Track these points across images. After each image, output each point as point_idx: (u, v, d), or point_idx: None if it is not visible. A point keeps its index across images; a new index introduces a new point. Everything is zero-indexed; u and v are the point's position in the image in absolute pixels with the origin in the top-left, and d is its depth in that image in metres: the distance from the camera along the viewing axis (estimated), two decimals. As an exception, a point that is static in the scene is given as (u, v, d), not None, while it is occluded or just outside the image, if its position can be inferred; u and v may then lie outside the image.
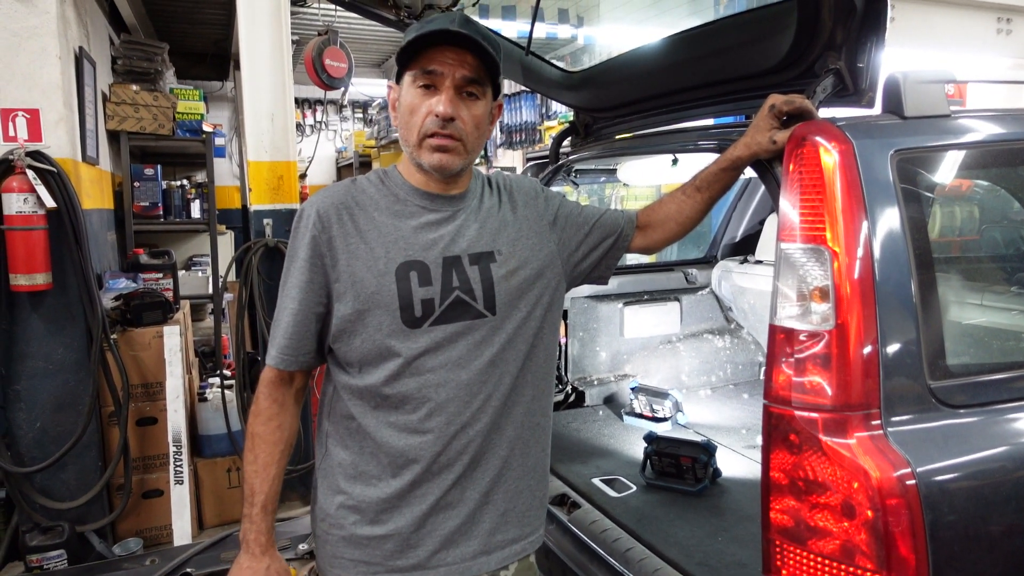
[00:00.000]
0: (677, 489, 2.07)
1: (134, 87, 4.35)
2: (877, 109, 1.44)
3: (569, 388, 2.87)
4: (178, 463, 3.46)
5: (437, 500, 1.29)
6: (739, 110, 2.00)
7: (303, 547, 3.32)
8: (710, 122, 2.09)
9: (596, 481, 2.13)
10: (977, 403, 1.24)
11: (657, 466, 2.13)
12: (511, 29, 4.37)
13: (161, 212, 4.63)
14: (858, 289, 1.20)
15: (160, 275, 3.92)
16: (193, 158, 5.39)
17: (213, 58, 6.71)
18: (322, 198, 1.31)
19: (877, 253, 1.22)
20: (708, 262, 3.20)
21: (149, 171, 4.57)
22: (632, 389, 2.69)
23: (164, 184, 4.76)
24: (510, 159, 6.25)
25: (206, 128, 4.77)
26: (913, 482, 1.13)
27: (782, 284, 1.25)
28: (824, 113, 1.44)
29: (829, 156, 1.26)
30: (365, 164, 7.18)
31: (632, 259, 6.33)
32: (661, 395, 2.58)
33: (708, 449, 2.09)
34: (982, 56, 5.82)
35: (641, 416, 2.59)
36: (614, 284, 2.96)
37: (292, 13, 4.78)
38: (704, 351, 3.03)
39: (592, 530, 1.84)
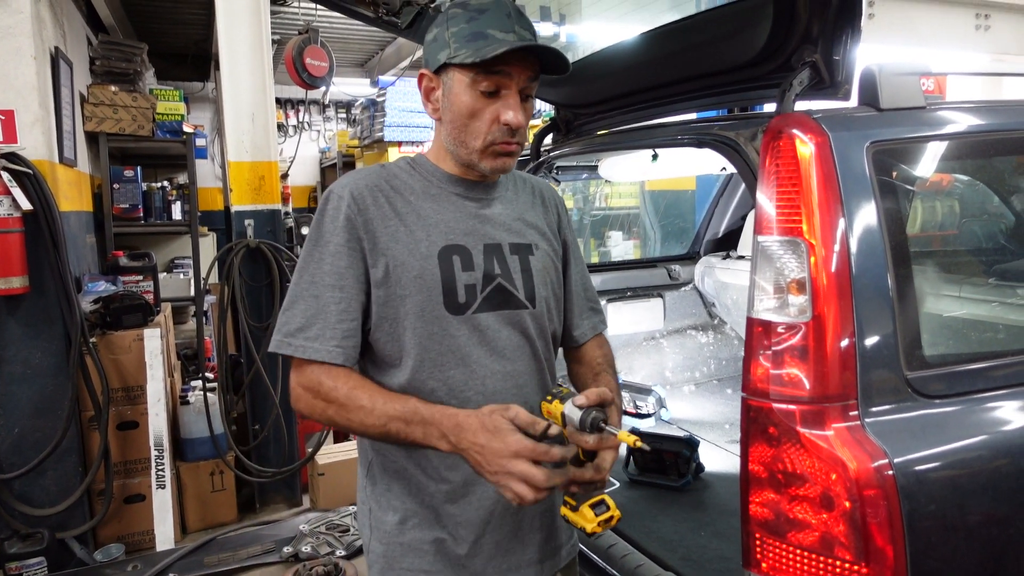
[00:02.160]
0: (660, 484, 2.07)
1: (113, 88, 4.30)
2: (853, 102, 1.44)
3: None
4: (160, 467, 3.43)
5: (493, 502, 1.26)
6: (719, 104, 2.01)
7: (288, 550, 3.30)
8: (692, 116, 2.09)
9: (580, 478, 2.12)
10: (954, 393, 1.25)
11: (640, 462, 2.12)
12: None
13: (141, 214, 4.59)
14: (835, 281, 1.20)
15: (140, 277, 3.88)
16: (174, 159, 5.34)
17: (194, 59, 6.66)
18: (354, 180, 1.27)
19: (853, 245, 1.22)
20: (691, 258, 3.20)
21: (129, 173, 4.52)
22: (616, 386, 2.69)
23: (144, 186, 4.72)
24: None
25: (187, 129, 4.73)
26: (890, 473, 1.13)
27: (759, 277, 1.25)
28: (801, 106, 1.44)
29: (805, 148, 1.26)
30: (348, 164, 7.14)
31: (615, 255, 6.36)
32: (644, 391, 2.58)
33: (691, 444, 2.09)
34: (962, 52, 5.88)
35: (624, 413, 2.59)
36: (597, 281, 2.96)
37: (272, 12, 4.75)
38: (688, 347, 3.03)
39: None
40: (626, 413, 2.60)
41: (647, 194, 6.24)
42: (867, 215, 1.25)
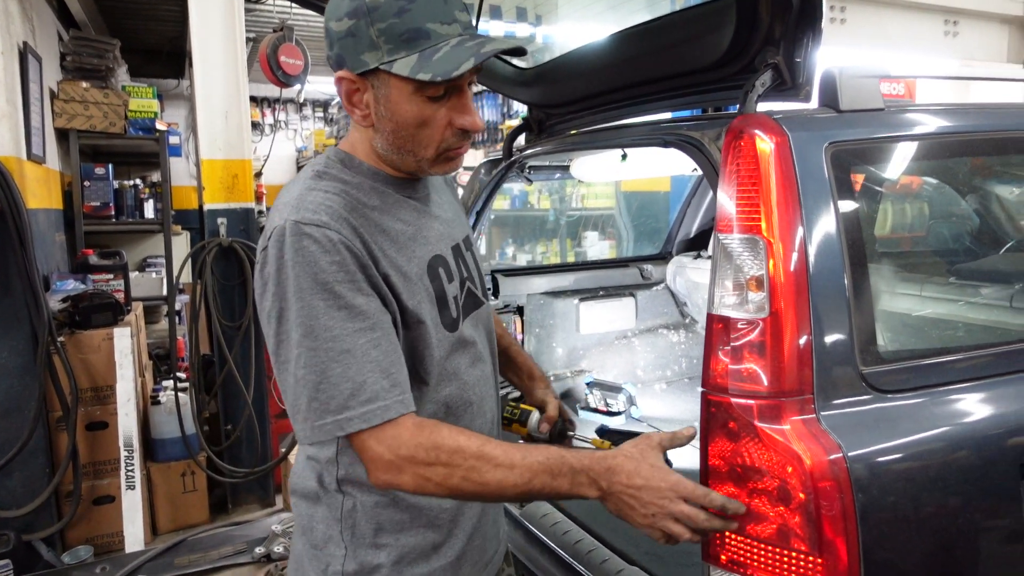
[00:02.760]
0: (629, 481, 2.08)
1: (84, 84, 4.25)
2: (815, 103, 1.47)
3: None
4: (130, 468, 3.39)
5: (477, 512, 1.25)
6: (689, 105, 2.03)
7: (260, 550, 3.27)
8: (668, 116, 2.09)
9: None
10: (908, 388, 1.28)
11: (609, 459, 2.14)
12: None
13: (113, 212, 4.54)
14: (792, 278, 1.22)
15: (111, 276, 3.84)
16: (147, 157, 5.28)
17: (168, 55, 6.59)
18: (321, 201, 1.05)
19: (811, 243, 1.25)
20: (663, 258, 3.24)
21: (100, 170, 4.47)
22: (587, 384, 2.71)
23: (116, 184, 4.66)
24: (472, 158, 6.26)
25: (160, 126, 4.68)
26: (844, 465, 1.15)
27: (719, 274, 1.27)
28: (767, 107, 1.47)
29: (765, 148, 1.28)
30: (326, 163, 7.08)
31: (592, 255, 6.39)
32: (615, 389, 2.60)
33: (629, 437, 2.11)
34: (931, 56, 6.00)
35: (596, 411, 2.61)
36: (570, 280, 2.98)
37: (247, 10, 4.72)
38: (659, 346, 3.06)
39: (543, 523, 1.84)
40: (597, 411, 2.62)
41: (622, 195, 6.29)
42: (824, 214, 1.28)
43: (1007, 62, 6.39)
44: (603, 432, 2.26)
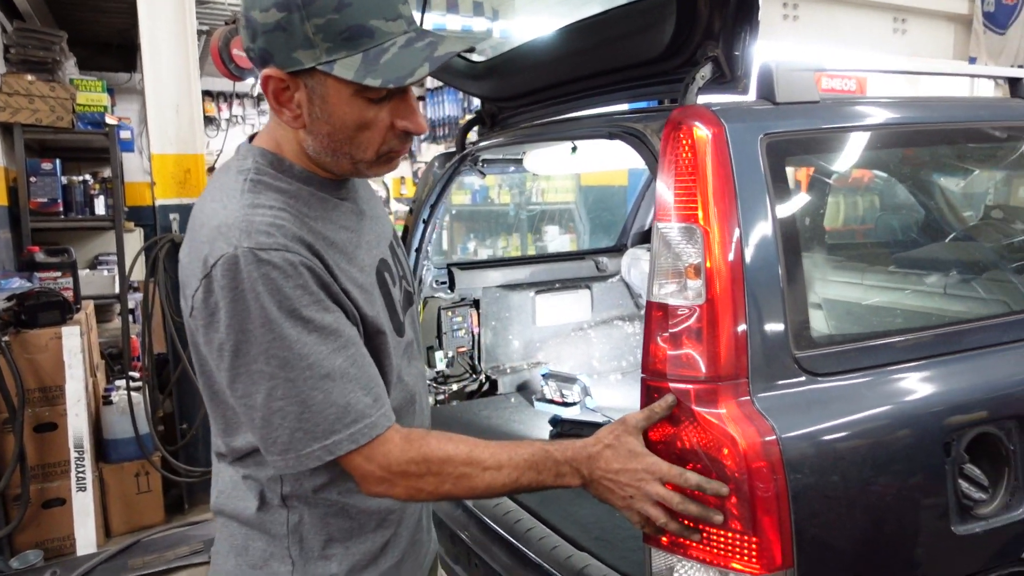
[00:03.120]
0: (581, 469, 2.11)
1: (29, 77, 4.14)
2: (753, 96, 1.50)
3: (483, 377, 2.89)
4: (80, 469, 3.32)
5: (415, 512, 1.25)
6: (635, 97, 2.05)
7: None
8: (624, 107, 2.09)
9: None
10: (840, 371, 1.32)
11: (562, 448, 2.16)
12: (426, 21, 4.33)
13: (61, 208, 4.42)
14: (728, 266, 1.25)
15: (59, 274, 3.75)
16: (98, 152, 5.15)
17: (119, 48, 6.43)
18: (272, 221, 0.98)
19: (746, 231, 1.28)
20: (618, 250, 3.27)
21: (47, 165, 4.35)
22: (543, 376, 2.74)
23: (65, 179, 4.55)
24: (434, 153, 6.25)
25: (110, 120, 4.57)
26: (777, 447, 1.19)
27: (658, 262, 1.30)
28: (704, 99, 1.50)
29: (702, 139, 1.31)
30: (284, 159, 6.99)
31: (552, 249, 6.43)
32: (570, 380, 2.63)
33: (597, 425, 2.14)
34: (881, 53, 6.16)
35: (551, 401, 2.63)
36: (526, 273, 3.00)
37: (199, 2, 4.63)
38: (615, 337, 3.10)
39: (495, 512, 1.86)
40: (552, 402, 2.64)
41: (582, 189, 6.35)
42: (760, 203, 1.31)
43: (953, 58, 6.59)
44: (556, 422, 2.29)
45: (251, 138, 1.15)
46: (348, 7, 0.95)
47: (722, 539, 1.21)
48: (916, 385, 1.38)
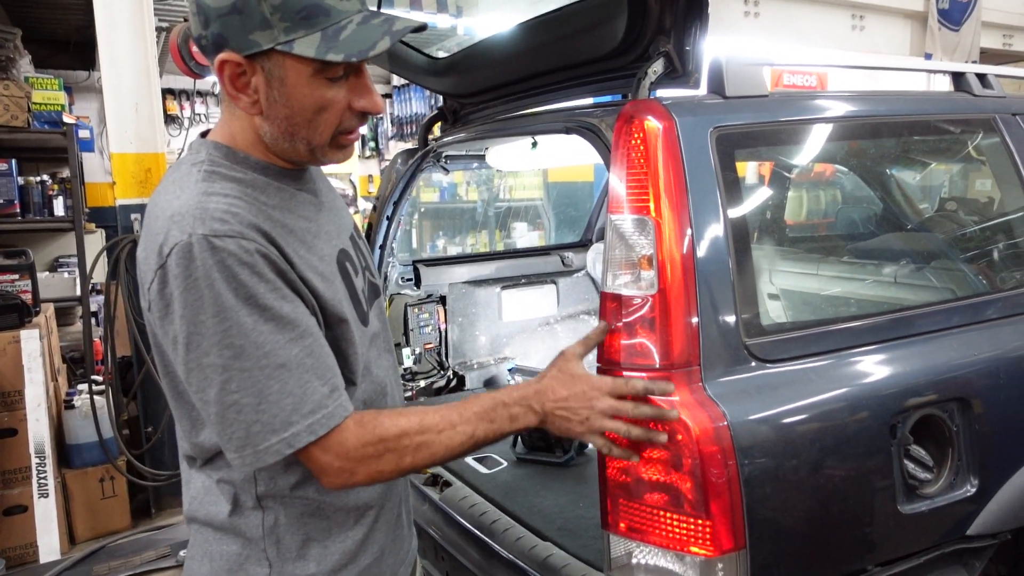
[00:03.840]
0: (545, 461, 2.14)
1: (-20, 75, 4.03)
2: (704, 90, 1.54)
3: (450, 373, 2.91)
4: (42, 475, 3.26)
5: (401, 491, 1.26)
6: (592, 92, 2.07)
7: (184, 554, 3.20)
8: (590, 101, 2.10)
9: (468, 460, 2.17)
10: (788, 357, 1.36)
11: (527, 441, 2.19)
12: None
13: (18, 210, 4.31)
14: (679, 256, 1.28)
15: (16, 276, 3.67)
16: (56, 152, 5.03)
17: (76, 46, 6.30)
18: (227, 208, 0.97)
19: (697, 222, 1.31)
20: (583, 245, 3.31)
21: (2, 166, 4.23)
22: (509, 371, 2.76)
23: (22, 180, 4.43)
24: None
25: (68, 119, 4.47)
26: (728, 432, 1.22)
27: (612, 254, 1.32)
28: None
29: (653, 132, 1.34)
30: (250, 157, 6.91)
31: (521, 246, 6.46)
32: (536, 374, 2.65)
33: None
34: (840, 49, 6.29)
35: (518, 396, 2.65)
36: (492, 269, 3.02)
37: (158, -2, 4.56)
38: (581, 331, 3.13)
39: (461, 506, 1.88)
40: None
41: (549, 185, 6.38)
42: (710, 195, 1.35)
43: (909, 54, 6.75)
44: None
45: (203, 134, 1.14)
46: None
47: (678, 523, 1.24)
48: (863, 369, 1.42)
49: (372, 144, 8.03)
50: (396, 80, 7.56)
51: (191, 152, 1.10)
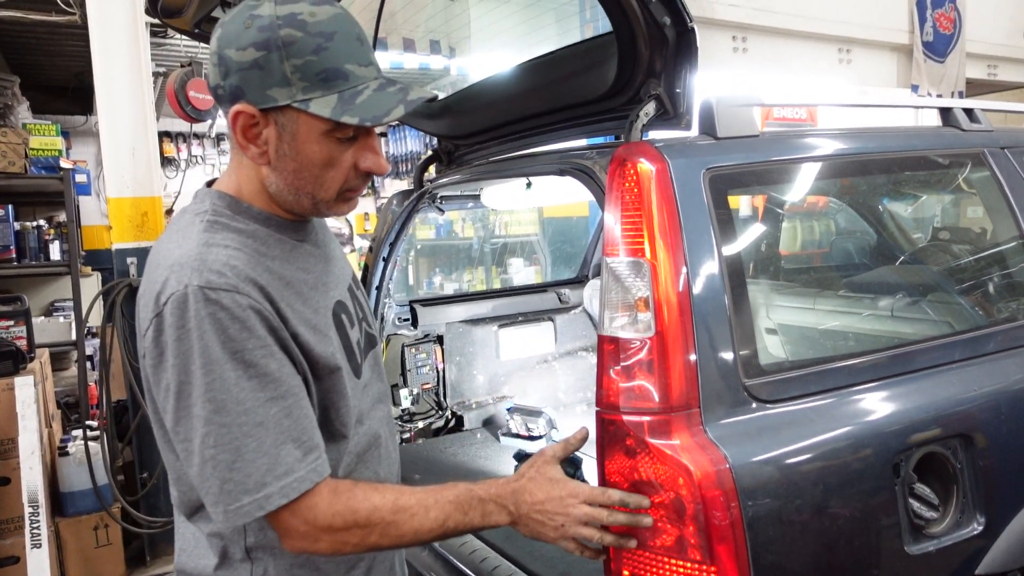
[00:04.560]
0: (546, 504, 2.10)
1: (-22, 123, 4.07)
2: (695, 131, 1.55)
3: (448, 413, 2.88)
4: (35, 525, 3.20)
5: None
6: (587, 134, 2.10)
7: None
8: (583, 142, 2.12)
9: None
10: (788, 397, 1.35)
11: (527, 483, 2.16)
12: (384, 60, 4.41)
13: (14, 255, 4.32)
14: (675, 298, 1.28)
15: (11, 323, 3.65)
16: (53, 196, 5.06)
17: (75, 91, 6.37)
18: (225, 261, 0.99)
19: (692, 263, 1.31)
20: (580, 282, 3.31)
21: (-1, 212, 4.26)
22: (508, 410, 2.73)
23: (18, 225, 4.44)
24: (396, 189, 6.27)
25: (65, 164, 4.50)
26: (730, 475, 1.21)
27: (608, 297, 1.32)
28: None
29: (646, 175, 1.35)
30: (246, 198, 6.94)
31: (517, 282, 6.46)
32: (535, 414, 2.63)
33: (574, 463, 2.14)
34: (827, 82, 6.38)
35: (517, 435, 2.63)
36: (489, 307, 3.01)
37: (155, 45, 4.63)
38: (579, 368, 3.12)
39: (461, 552, 1.85)
40: (519, 436, 2.64)
41: (545, 221, 6.41)
42: (704, 236, 1.35)
43: (896, 86, 6.85)
44: (521, 457, 2.28)
45: (209, 184, 1.16)
46: (326, 51, 0.99)
47: (682, 569, 1.22)
48: (864, 408, 1.41)
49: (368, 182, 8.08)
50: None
51: (196, 201, 1.13)
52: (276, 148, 1.04)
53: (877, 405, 1.42)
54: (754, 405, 1.29)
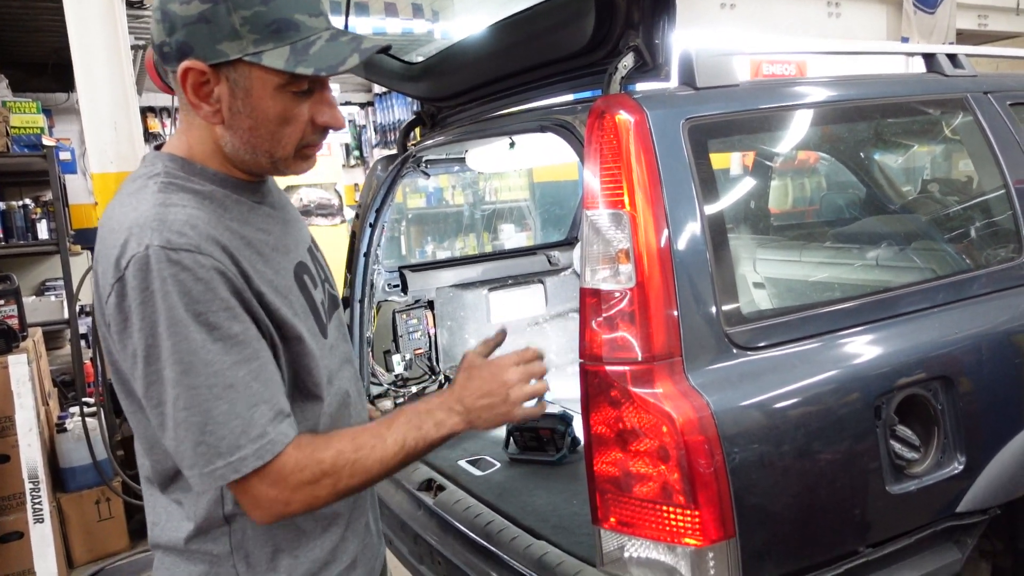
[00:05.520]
0: (538, 461, 2.14)
1: (-44, 101, 4.01)
2: (675, 82, 1.54)
3: (441, 377, 2.90)
4: (36, 501, 3.23)
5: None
6: (568, 90, 2.08)
7: None
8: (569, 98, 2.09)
9: (462, 463, 2.17)
10: (770, 343, 1.36)
11: (519, 441, 2.19)
12: (365, 25, 4.34)
13: (1, 235, 4.30)
14: (655, 248, 1.29)
15: (1, 302, 3.64)
16: (38, 175, 5.00)
17: (55, 68, 6.27)
18: (185, 220, 0.96)
19: (672, 214, 1.32)
20: (569, 244, 3.31)
21: (-17, 192, 4.22)
22: (500, 371, 2.75)
23: (3, 205, 4.41)
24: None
25: (47, 142, 4.45)
26: (712, 421, 1.23)
27: (589, 249, 1.33)
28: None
29: (624, 126, 1.34)
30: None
31: (507, 246, 6.45)
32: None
33: (565, 419, 2.17)
34: (817, 38, 6.32)
35: (510, 396, 2.65)
36: (479, 271, 3.02)
37: (132, 17, 4.55)
38: (570, 329, 3.13)
39: (455, 509, 1.87)
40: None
41: (536, 186, 6.38)
42: (684, 187, 1.35)
43: (886, 39, 6.79)
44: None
45: (157, 147, 1.12)
46: (274, 0, 0.96)
47: (667, 514, 1.24)
48: (845, 352, 1.43)
49: (356, 152, 8.02)
50: (377, 88, 7.55)
51: (145, 165, 1.08)
52: (229, 105, 1.00)
53: (859, 349, 1.43)
54: (735, 352, 1.31)
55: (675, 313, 1.28)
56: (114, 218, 1.00)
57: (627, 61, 1.54)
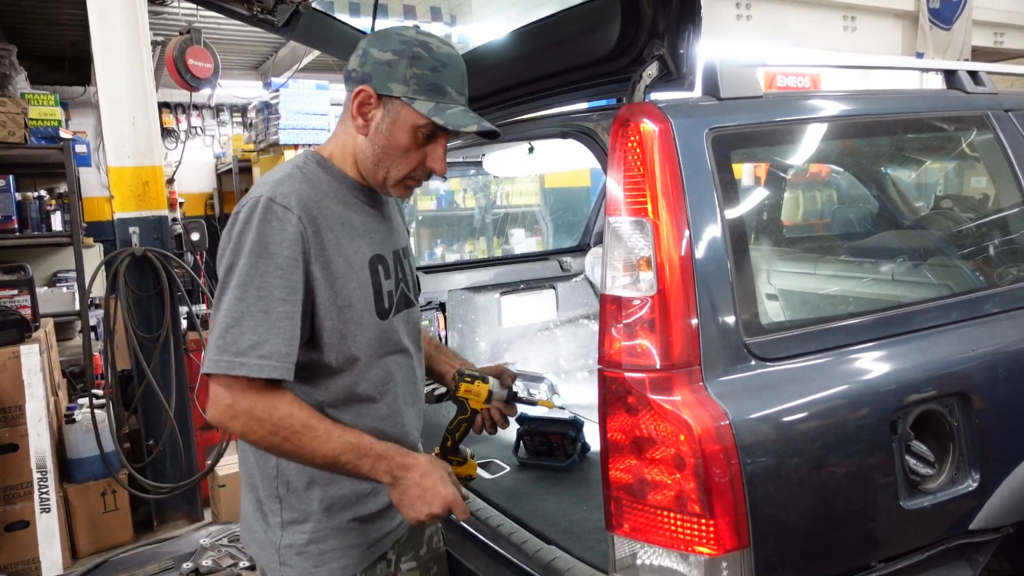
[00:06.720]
0: (547, 466, 2.14)
1: (-23, 92, 4.04)
2: (698, 92, 1.55)
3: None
4: (43, 490, 3.25)
5: None
6: (589, 97, 2.09)
7: (187, 565, 3.20)
8: (584, 105, 2.11)
9: (472, 465, 2.17)
10: (789, 355, 1.36)
11: (529, 446, 2.19)
12: (384, 26, 4.32)
13: (16, 225, 4.32)
14: (677, 256, 1.29)
15: (15, 292, 3.67)
16: (53, 167, 5.04)
17: (72, 61, 6.32)
18: (294, 190, 1.27)
19: (695, 223, 1.32)
20: (581, 250, 3.31)
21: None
22: (510, 375, 2.75)
23: (19, 196, 4.44)
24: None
25: (64, 135, 4.49)
26: (730, 431, 1.23)
27: (610, 256, 1.33)
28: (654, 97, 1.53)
29: (649, 134, 1.35)
30: (245, 169, 6.93)
31: (517, 251, 6.45)
32: (537, 379, 2.65)
33: (576, 425, 2.17)
34: (832, 50, 6.31)
35: (518, 400, 2.64)
36: (491, 275, 3.03)
37: (153, 13, 4.58)
38: (580, 335, 3.13)
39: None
40: (520, 400, 2.66)
41: (547, 191, 6.39)
42: (707, 196, 1.35)
43: (901, 54, 6.78)
44: (523, 420, 2.30)
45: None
46: (439, 72, 1.30)
47: (681, 523, 1.25)
48: (863, 366, 1.43)
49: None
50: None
51: (297, 156, 1.41)
52: (377, 125, 1.31)
53: (876, 364, 1.43)
54: (754, 363, 1.31)
55: (695, 322, 1.28)
56: (263, 178, 1.33)
57: (651, 70, 1.54)
